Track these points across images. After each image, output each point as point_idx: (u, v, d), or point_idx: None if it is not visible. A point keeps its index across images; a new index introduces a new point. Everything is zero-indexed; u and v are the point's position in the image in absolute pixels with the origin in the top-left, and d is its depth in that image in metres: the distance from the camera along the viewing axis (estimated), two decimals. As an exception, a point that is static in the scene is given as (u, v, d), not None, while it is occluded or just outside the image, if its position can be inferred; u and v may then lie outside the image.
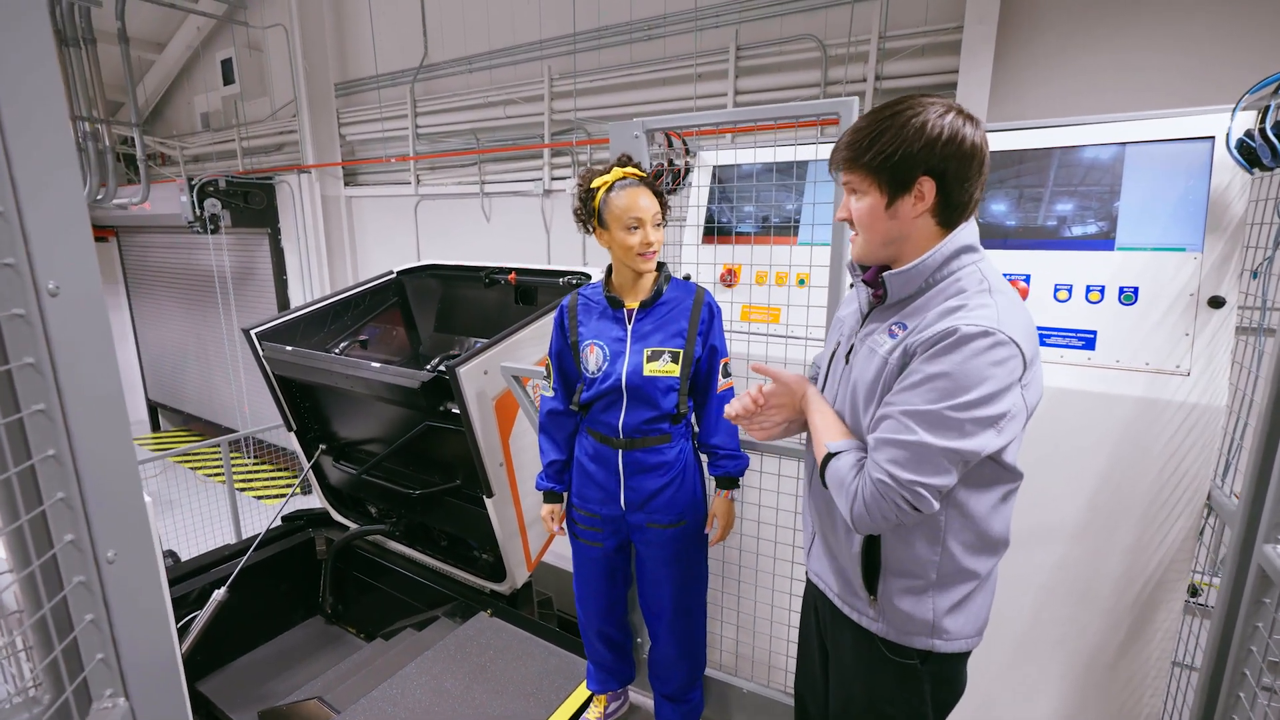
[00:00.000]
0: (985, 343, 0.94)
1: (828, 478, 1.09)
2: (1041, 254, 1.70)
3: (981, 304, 0.98)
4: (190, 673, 3.14)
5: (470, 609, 2.91)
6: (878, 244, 1.08)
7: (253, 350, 3.09)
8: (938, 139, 0.98)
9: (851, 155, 1.05)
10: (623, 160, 1.69)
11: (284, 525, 3.71)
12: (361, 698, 2.32)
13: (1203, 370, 1.51)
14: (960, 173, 1.00)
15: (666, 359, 1.68)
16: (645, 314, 1.71)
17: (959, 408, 0.94)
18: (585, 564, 1.93)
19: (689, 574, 1.87)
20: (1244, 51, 2.85)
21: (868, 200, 1.05)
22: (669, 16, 4.39)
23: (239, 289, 7.55)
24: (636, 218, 1.61)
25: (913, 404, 0.97)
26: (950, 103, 1.01)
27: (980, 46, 3.41)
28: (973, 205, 1.05)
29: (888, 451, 0.98)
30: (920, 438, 0.95)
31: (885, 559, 1.12)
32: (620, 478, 1.76)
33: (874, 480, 0.98)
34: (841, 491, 1.05)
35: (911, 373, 0.99)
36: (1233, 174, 1.48)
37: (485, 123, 5.41)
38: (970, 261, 1.05)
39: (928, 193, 1.01)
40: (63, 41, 5.86)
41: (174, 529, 5.67)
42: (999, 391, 0.95)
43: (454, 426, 2.69)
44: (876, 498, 0.98)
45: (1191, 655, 1.65)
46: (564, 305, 1.81)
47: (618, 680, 2.13)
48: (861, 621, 1.18)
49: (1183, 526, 1.55)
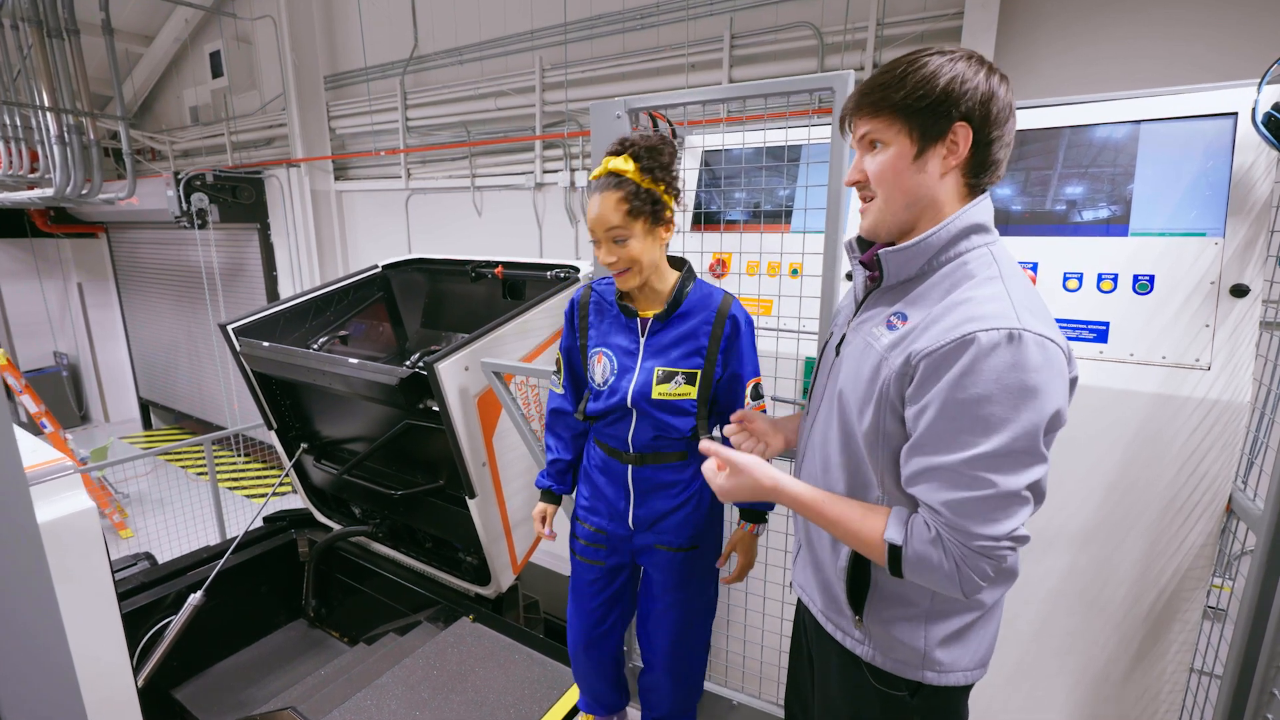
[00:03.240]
0: (1015, 347, 0.81)
1: (908, 570, 0.91)
2: (1050, 240, 1.59)
3: (992, 295, 0.86)
4: (166, 679, 3.04)
5: (454, 613, 2.81)
6: (899, 206, 0.94)
7: (230, 346, 2.99)
8: (976, 85, 0.87)
9: (878, 96, 0.91)
10: (613, 148, 1.41)
11: (266, 526, 3.61)
12: (335, 708, 2.22)
13: (1224, 364, 1.40)
14: (995, 126, 0.89)
15: (680, 380, 1.45)
16: (663, 327, 1.47)
17: (1024, 436, 0.81)
18: (582, 585, 1.73)
19: (695, 604, 1.68)
20: (1257, 34, 2.75)
21: (892, 151, 0.92)
22: (662, 5, 4.28)
23: (229, 285, 7.44)
24: (590, 230, 1.39)
25: (971, 448, 0.83)
26: (976, 53, 0.90)
27: (981, 34, 3.31)
28: (1001, 169, 0.94)
29: (977, 515, 0.84)
30: (1000, 488, 0.83)
31: (876, 578, 1.00)
32: (630, 494, 1.58)
33: (973, 550, 0.85)
34: (938, 577, 0.89)
35: (945, 404, 0.84)
36: (1257, 152, 1.38)
37: (476, 115, 5.31)
38: (981, 243, 0.92)
39: (963, 142, 0.89)
40: (45, 32, 5.74)
41: (162, 529, 5.57)
42: (1051, 395, 0.83)
43: (435, 425, 2.59)
44: (976, 561, 0.85)
45: (1210, 663, 1.54)
46: (575, 299, 1.59)
47: (604, 708, 1.93)
48: (846, 643, 1.06)
49: (1202, 530, 1.45)
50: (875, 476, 0.98)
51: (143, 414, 9.70)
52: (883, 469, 0.96)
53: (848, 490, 1.02)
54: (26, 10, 5.65)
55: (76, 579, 1.37)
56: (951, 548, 0.86)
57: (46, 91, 5.91)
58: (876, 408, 0.93)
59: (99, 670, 1.44)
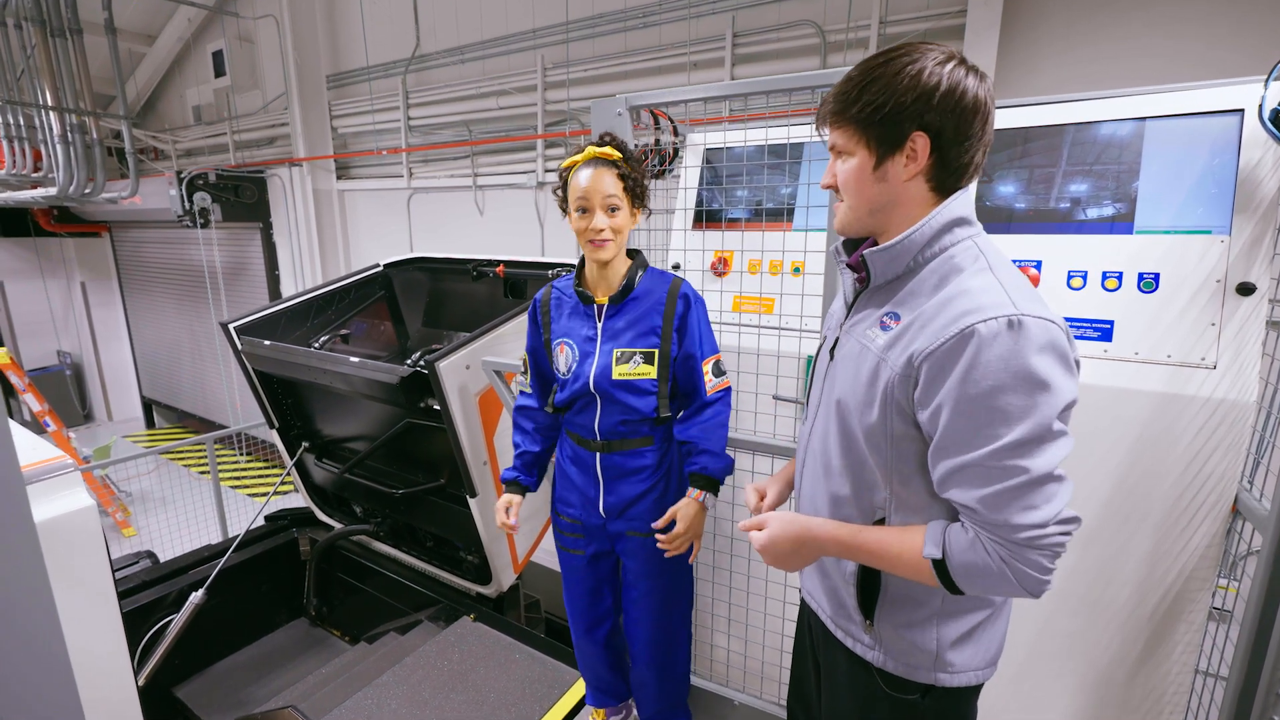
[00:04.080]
0: (1017, 333, 0.80)
1: (961, 582, 0.88)
2: (1054, 239, 1.58)
3: (984, 286, 0.85)
4: (168, 677, 3.04)
5: (455, 613, 2.80)
6: (863, 211, 0.95)
7: (232, 345, 2.99)
8: (935, 90, 0.85)
9: (837, 107, 0.92)
10: (602, 139, 1.54)
11: (267, 525, 3.61)
12: (336, 707, 2.22)
13: (1230, 363, 1.39)
14: (959, 131, 0.87)
15: (639, 360, 1.53)
16: (617, 310, 1.55)
17: (1044, 417, 0.80)
18: (570, 573, 1.81)
19: (670, 591, 1.72)
20: (1263, 30, 2.73)
21: (854, 161, 0.93)
22: (664, 3, 4.27)
23: (231, 284, 7.45)
24: (584, 199, 1.47)
25: (994, 440, 0.81)
26: (952, 50, 0.88)
27: (985, 31, 3.29)
28: (973, 170, 0.92)
29: (1014, 505, 0.82)
30: (1033, 473, 0.81)
31: (887, 582, 0.99)
32: (599, 482, 1.63)
33: (1018, 544, 0.83)
34: (994, 581, 0.86)
35: (959, 401, 0.83)
36: (1264, 149, 1.36)
37: (478, 114, 5.31)
38: (965, 236, 0.91)
39: (921, 151, 0.88)
40: (48, 31, 5.75)
41: (165, 527, 5.58)
42: (1061, 373, 0.82)
43: (436, 424, 2.59)
44: (1024, 553, 0.83)
45: (1216, 665, 1.53)
46: (537, 299, 1.68)
47: (612, 697, 1.97)
48: (856, 649, 1.05)
49: (1207, 530, 1.43)
50: (881, 476, 0.97)
51: (145, 413, 9.72)
52: (889, 469, 0.95)
53: (852, 493, 1.01)
54: (30, 10, 5.66)
55: (76, 576, 1.37)
56: (993, 547, 0.84)
57: (50, 91, 5.93)
58: (881, 409, 0.92)
59: (98, 667, 1.44)
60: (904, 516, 0.96)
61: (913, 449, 0.92)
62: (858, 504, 1.01)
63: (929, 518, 0.94)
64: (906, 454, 0.93)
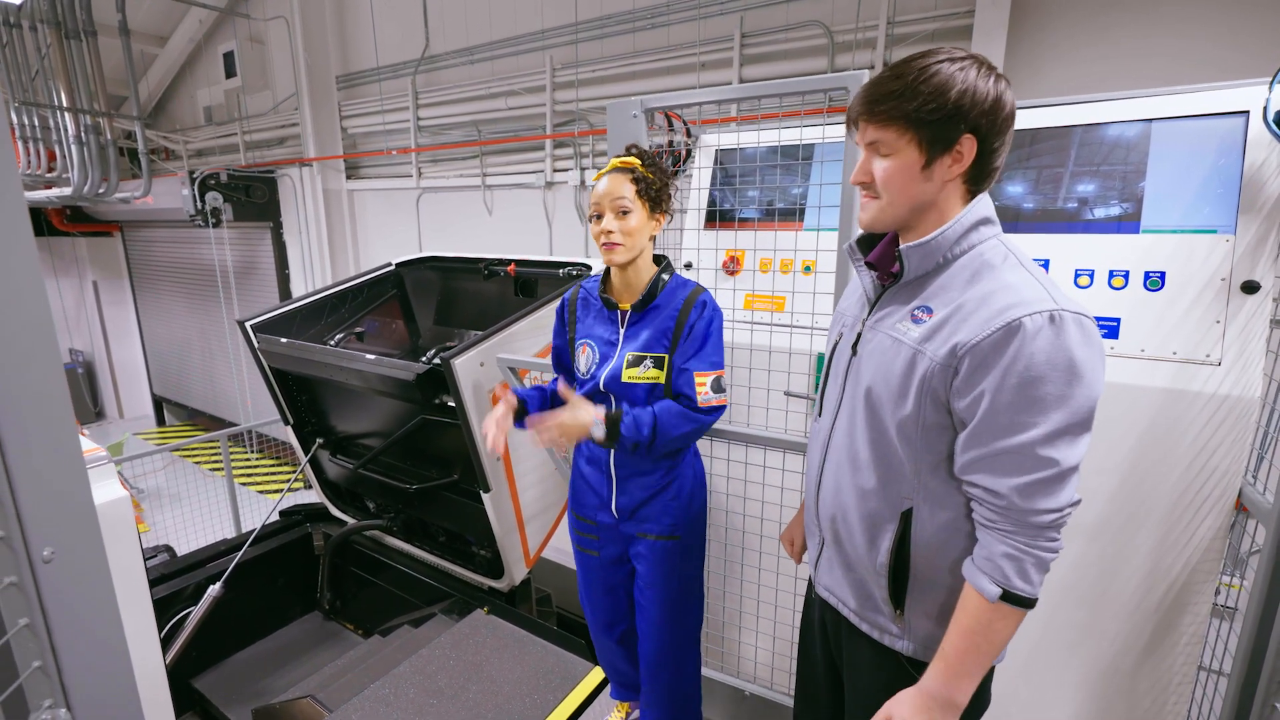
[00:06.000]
0: (1058, 327, 0.85)
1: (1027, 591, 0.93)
2: (1061, 237, 1.61)
3: (1023, 281, 0.90)
4: (185, 669, 3.10)
5: (468, 606, 2.85)
6: (904, 208, 0.97)
7: (248, 342, 3.04)
8: (986, 96, 0.89)
9: (891, 106, 0.92)
10: (627, 150, 1.58)
11: (281, 520, 3.66)
12: (354, 696, 2.26)
13: (1235, 360, 1.42)
14: (998, 135, 0.92)
15: (649, 364, 1.55)
16: (640, 317, 1.57)
17: (1080, 410, 0.86)
18: (586, 573, 1.82)
19: (679, 602, 1.70)
20: (1268, 32, 2.75)
21: (899, 159, 0.94)
22: (673, 4, 4.30)
23: (242, 283, 7.53)
24: (597, 203, 1.50)
25: (1031, 429, 0.86)
26: (981, 57, 0.92)
27: (993, 31, 3.31)
28: (998, 173, 0.97)
29: (1042, 494, 0.88)
30: (1063, 465, 0.87)
31: (916, 569, 1.02)
32: (612, 482, 1.66)
33: (1037, 526, 0.90)
34: (1028, 567, 0.92)
35: (1000, 390, 0.87)
36: (1269, 150, 1.39)
37: (487, 114, 5.35)
38: (991, 234, 0.97)
39: (967, 154, 0.92)
40: (64, 34, 5.83)
41: (179, 523, 5.65)
42: (1096, 367, 0.87)
43: (450, 420, 2.63)
44: (1041, 535, 0.90)
45: (1220, 660, 1.56)
46: (565, 299, 1.70)
47: (634, 690, 1.98)
48: (884, 640, 1.08)
49: (1212, 525, 1.46)
50: (909, 465, 1.00)
51: (156, 410, 9.82)
52: (918, 456, 0.99)
53: (879, 484, 1.04)
54: (45, 12, 5.74)
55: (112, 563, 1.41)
56: (1013, 541, 0.90)
57: (64, 92, 6.00)
58: (917, 399, 0.96)
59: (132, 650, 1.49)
60: (930, 506, 1.00)
61: (944, 438, 0.97)
62: (884, 495, 1.04)
63: (953, 505, 0.98)
64: (936, 444, 0.97)
